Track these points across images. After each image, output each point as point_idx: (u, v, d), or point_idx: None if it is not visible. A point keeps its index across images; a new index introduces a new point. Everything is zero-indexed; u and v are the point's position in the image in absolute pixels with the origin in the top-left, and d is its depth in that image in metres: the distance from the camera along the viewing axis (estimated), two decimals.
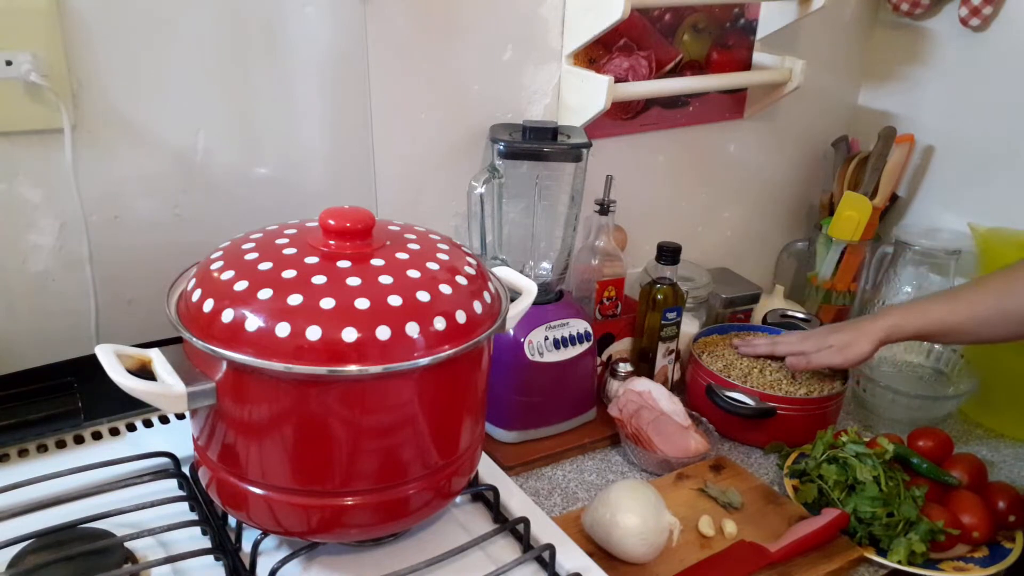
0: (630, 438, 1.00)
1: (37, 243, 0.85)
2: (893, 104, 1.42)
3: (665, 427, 0.98)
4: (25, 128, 0.81)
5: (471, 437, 0.75)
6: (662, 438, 0.98)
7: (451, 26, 1.00)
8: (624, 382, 1.05)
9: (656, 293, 1.08)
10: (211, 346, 0.63)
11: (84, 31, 0.80)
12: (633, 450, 1.00)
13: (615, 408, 1.02)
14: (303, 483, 0.67)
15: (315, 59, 0.93)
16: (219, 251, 0.72)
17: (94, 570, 0.68)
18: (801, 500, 0.93)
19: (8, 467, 0.83)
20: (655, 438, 0.97)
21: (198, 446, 0.72)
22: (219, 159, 0.92)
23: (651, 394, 1.01)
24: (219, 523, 0.76)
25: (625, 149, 1.22)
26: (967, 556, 0.88)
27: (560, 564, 0.74)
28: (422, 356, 0.64)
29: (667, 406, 1.00)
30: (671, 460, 0.98)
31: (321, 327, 0.61)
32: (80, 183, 0.84)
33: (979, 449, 1.10)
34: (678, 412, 1.01)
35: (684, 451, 0.98)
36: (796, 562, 0.84)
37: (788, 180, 1.47)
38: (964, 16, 1.25)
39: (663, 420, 0.99)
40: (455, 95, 1.04)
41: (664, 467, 0.99)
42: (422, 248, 0.72)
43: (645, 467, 1.00)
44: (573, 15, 1.06)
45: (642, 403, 1.00)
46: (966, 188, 1.33)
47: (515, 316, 0.76)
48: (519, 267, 1.03)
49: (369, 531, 0.73)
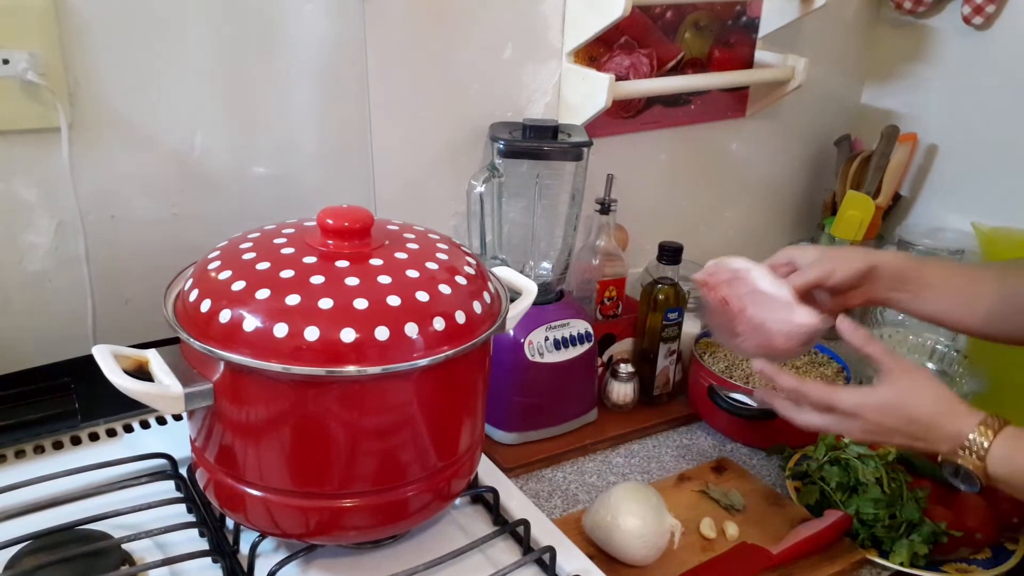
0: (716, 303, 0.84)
1: (33, 242, 0.85)
2: (896, 103, 1.42)
3: (764, 300, 0.82)
4: (22, 127, 0.80)
5: (471, 438, 0.75)
6: (759, 308, 0.82)
7: (451, 24, 1.00)
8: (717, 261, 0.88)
9: (657, 293, 1.07)
10: (208, 347, 0.62)
11: (81, 30, 0.80)
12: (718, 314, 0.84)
13: (701, 275, 0.87)
14: (301, 485, 0.67)
15: (314, 58, 0.92)
16: (216, 251, 0.71)
17: (91, 572, 0.68)
18: (803, 502, 0.93)
19: (5, 468, 0.82)
20: (750, 309, 0.82)
21: (195, 447, 0.72)
22: (217, 158, 0.91)
23: (750, 273, 0.84)
24: (217, 525, 0.75)
25: (626, 148, 1.21)
26: (970, 558, 0.88)
27: (560, 566, 0.74)
28: (421, 357, 0.63)
29: (770, 288, 0.82)
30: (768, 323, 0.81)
31: (319, 327, 0.61)
32: (77, 182, 0.84)
33: None
34: (786, 295, 0.81)
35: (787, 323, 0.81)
36: (798, 564, 0.83)
37: (790, 179, 1.46)
38: (967, 14, 1.25)
39: (763, 295, 0.82)
40: (455, 93, 1.03)
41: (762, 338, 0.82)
42: (421, 248, 0.72)
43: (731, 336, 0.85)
44: (574, 12, 1.06)
45: (737, 276, 0.84)
46: (969, 187, 1.32)
47: (515, 316, 0.76)
48: (519, 267, 1.03)
49: (368, 533, 0.73)
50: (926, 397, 0.73)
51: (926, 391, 0.73)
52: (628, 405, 1.09)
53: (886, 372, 0.74)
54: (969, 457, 0.69)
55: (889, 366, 0.75)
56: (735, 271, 0.84)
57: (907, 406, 0.73)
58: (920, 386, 0.73)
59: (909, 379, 0.74)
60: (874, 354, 0.76)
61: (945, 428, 0.71)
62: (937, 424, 0.72)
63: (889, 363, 0.75)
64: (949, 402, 0.72)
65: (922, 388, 0.73)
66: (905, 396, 0.73)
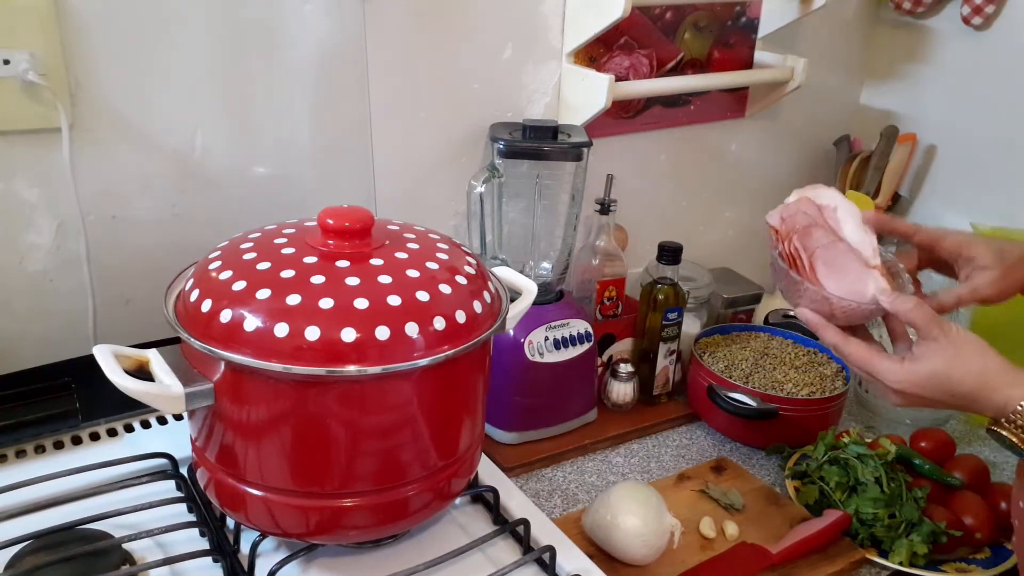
0: (783, 257, 0.75)
1: (34, 243, 0.85)
2: (895, 103, 1.42)
3: (839, 258, 0.74)
4: (22, 127, 0.80)
5: (471, 438, 0.75)
6: (830, 270, 0.73)
7: (451, 24, 1.00)
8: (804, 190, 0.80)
9: (657, 293, 1.08)
10: (209, 346, 0.62)
11: (82, 30, 0.80)
12: (782, 276, 0.75)
13: (776, 216, 0.77)
14: (302, 484, 0.67)
15: (314, 58, 0.93)
16: (217, 251, 0.71)
17: (92, 571, 0.68)
18: (803, 501, 0.93)
19: (6, 468, 0.82)
20: (821, 268, 0.73)
21: (196, 447, 0.72)
22: (217, 158, 0.91)
23: (836, 212, 0.76)
24: (217, 524, 0.75)
25: (626, 148, 1.21)
26: (969, 557, 0.88)
27: (560, 566, 0.74)
28: (421, 356, 0.64)
29: (853, 236, 0.75)
30: (832, 300, 0.73)
31: (320, 327, 0.61)
32: (78, 182, 0.84)
33: (981, 450, 1.10)
34: (868, 246, 0.75)
35: (859, 295, 0.72)
36: (798, 564, 0.83)
37: (790, 179, 1.46)
38: (966, 15, 1.25)
39: (839, 250, 0.74)
40: (455, 94, 1.04)
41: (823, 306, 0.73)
42: (421, 247, 0.72)
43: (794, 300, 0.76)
44: (573, 13, 1.06)
45: (817, 221, 0.76)
46: (969, 187, 1.33)
47: (515, 316, 0.76)
48: (519, 267, 1.03)
49: (368, 533, 0.73)
50: (971, 369, 0.68)
51: (972, 362, 0.69)
52: (628, 405, 1.09)
53: (929, 340, 0.70)
54: (1015, 430, 0.66)
55: (933, 333, 0.69)
56: (819, 208, 0.76)
57: (951, 379, 0.69)
58: (966, 357, 0.69)
59: (954, 349, 0.69)
60: (918, 321, 0.70)
61: (991, 399, 0.68)
62: (982, 396, 0.68)
63: (933, 330, 0.69)
64: (997, 371, 0.68)
65: (968, 358, 0.69)
66: (949, 367, 0.69)
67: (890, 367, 0.71)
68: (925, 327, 0.70)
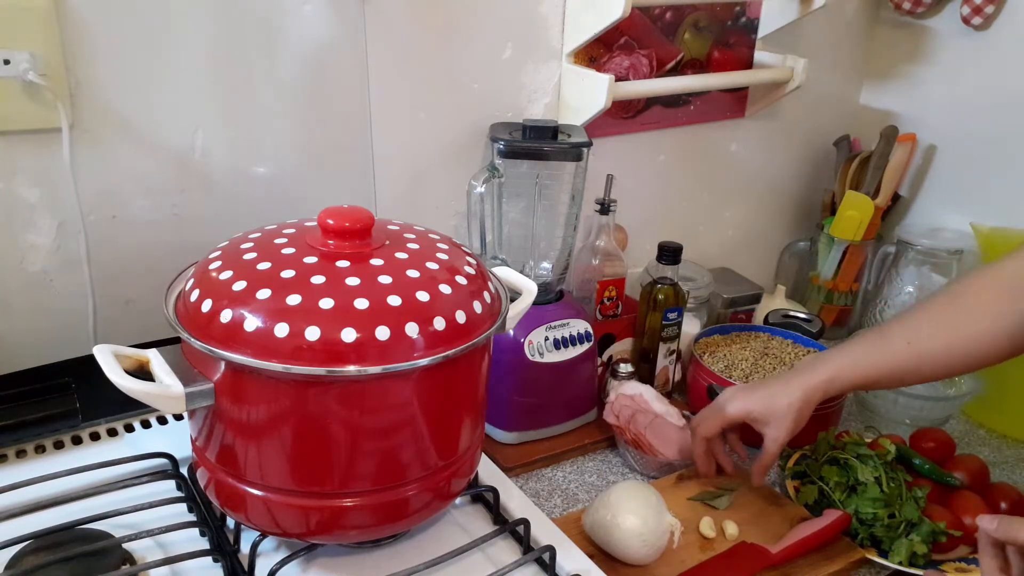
0: (630, 444, 0.97)
1: (35, 243, 0.85)
2: (895, 103, 1.42)
3: (662, 430, 0.96)
4: (23, 127, 0.80)
5: (471, 438, 0.75)
6: (661, 440, 0.96)
7: (451, 24, 1.00)
8: (617, 385, 1.03)
9: (657, 293, 1.08)
10: (209, 346, 0.62)
11: (82, 30, 0.80)
12: (634, 456, 0.98)
13: (611, 415, 0.99)
14: (302, 484, 0.67)
15: (314, 58, 0.93)
16: (217, 251, 0.71)
17: (92, 571, 0.68)
18: (802, 501, 0.93)
19: (6, 468, 0.82)
20: (655, 442, 0.96)
21: (196, 447, 0.72)
22: (217, 158, 0.91)
23: (642, 396, 0.99)
24: (217, 524, 0.75)
25: (626, 148, 1.21)
26: (969, 557, 0.88)
27: (560, 566, 0.74)
28: (421, 356, 0.64)
29: (659, 407, 0.98)
30: (674, 463, 0.96)
31: (320, 327, 0.61)
32: (78, 182, 0.84)
33: (981, 450, 1.10)
34: (671, 413, 0.98)
35: (686, 452, 0.96)
36: (797, 563, 0.83)
37: (790, 179, 1.46)
38: (966, 15, 1.25)
39: (659, 423, 0.97)
40: (455, 94, 1.04)
41: (666, 470, 0.97)
42: (421, 248, 0.72)
43: (647, 472, 0.99)
44: (573, 13, 1.06)
45: (636, 407, 0.98)
46: (968, 187, 1.33)
47: (515, 316, 0.76)
48: (519, 267, 1.03)
49: (368, 532, 0.73)
50: None
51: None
52: None
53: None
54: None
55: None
56: (632, 398, 0.99)
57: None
58: None
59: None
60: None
61: None
62: None
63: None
64: None
65: None
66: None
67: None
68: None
